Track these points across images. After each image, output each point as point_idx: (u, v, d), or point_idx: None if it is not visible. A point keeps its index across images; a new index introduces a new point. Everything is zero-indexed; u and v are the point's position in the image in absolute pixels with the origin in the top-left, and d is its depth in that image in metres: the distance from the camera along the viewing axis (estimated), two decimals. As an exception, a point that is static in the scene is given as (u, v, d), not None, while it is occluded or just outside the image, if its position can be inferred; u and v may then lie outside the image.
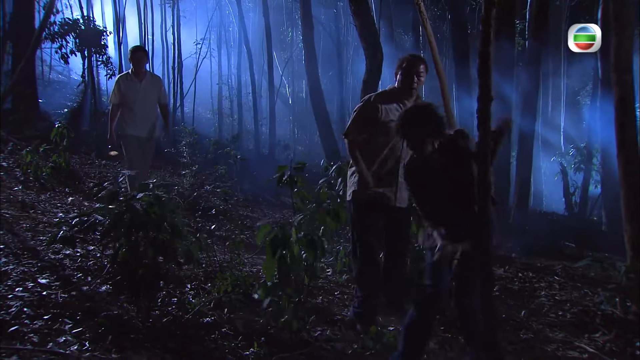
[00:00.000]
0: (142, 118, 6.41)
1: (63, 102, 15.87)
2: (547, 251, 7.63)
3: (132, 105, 6.36)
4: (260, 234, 3.47)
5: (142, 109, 6.40)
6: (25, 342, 2.62)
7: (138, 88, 6.39)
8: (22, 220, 5.25)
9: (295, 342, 3.21)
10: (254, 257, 5.43)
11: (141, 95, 6.39)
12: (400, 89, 3.80)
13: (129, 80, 6.43)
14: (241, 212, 8.44)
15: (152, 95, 6.51)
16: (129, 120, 6.38)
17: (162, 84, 6.88)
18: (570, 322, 4.49)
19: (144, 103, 6.42)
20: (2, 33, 11.09)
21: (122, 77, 6.52)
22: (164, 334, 2.96)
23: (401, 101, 3.78)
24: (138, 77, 6.44)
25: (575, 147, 13.79)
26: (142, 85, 6.42)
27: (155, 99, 6.56)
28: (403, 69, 3.75)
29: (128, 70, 6.63)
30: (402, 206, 3.82)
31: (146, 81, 6.50)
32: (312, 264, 3.45)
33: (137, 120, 6.37)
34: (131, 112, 6.37)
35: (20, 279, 3.50)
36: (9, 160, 7.99)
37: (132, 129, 6.37)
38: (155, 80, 6.70)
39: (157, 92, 6.60)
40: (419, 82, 3.74)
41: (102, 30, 12.23)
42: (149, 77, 6.61)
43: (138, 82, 6.41)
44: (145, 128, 6.44)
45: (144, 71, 6.58)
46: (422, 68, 3.73)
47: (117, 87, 6.42)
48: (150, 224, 2.92)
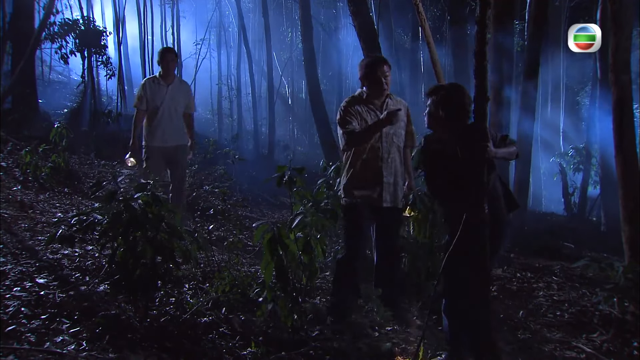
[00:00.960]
0: (168, 127, 5.86)
1: (63, 103, 15.89)
2: (545, 251, 7.64)
3: (157, 112, 5.82)
4: (258, 234, 3.48)
5: (167, 117, 5.85)
6: (23, 342, 2.62)
7: (164, 94, 5.85)
8: (20, 220, 5.25)
9: (293, 341, 3.21)
10: (252, 257, 5.43)
11: (167, 102, 5.86)
12: (370, 93, 3.84)
13: (156, 84, 5.89)
14: (240, 212, 8.44)
15: (179, 102, 5.97)
16: (153, 129, 5.83)
17: (190, 91, 6.33)
18: (568, 322, 4.50)
19: (171, 111, 5.88)
20: (2, 33, 11.08)
21: (148, 81, 5.98)
22: (162, 334, 2.96)
23: (372, 103, 3.83)
24: (166, 81, 5.90)
25: (574, 147, 13.78)
26: (170, 91, 5.88)
27: (182, 107, 6.00)
28: (368, 73, 3.78)
29: (155, 74, 6.13)
30: (389, 206, 3.82)
31: (174, 86, 5.94)
32: (310, 264, 3.45)
33: (162, 130, 5.82)
34: (155, 120, 5.83)
35: (18, 279, 3.50)
36: (8, 160, 7.98)
37: (155, 139, 5.82)
38: (183, 87, 6.14)
39: (185, 100, 6.05)
40: (387, 83, 3.79)
41: (102, 30, 12.23)
42: (177, 82, 6.05)
43: (165, 87, 5.87)
44: (170, 138, 5.87)
45: (173, 75, 6.01)
46: (385, 68, 3.78)
47: (143, 90, 5.87)
48: (148, 223, 2.93)
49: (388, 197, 3.80)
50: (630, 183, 4.53)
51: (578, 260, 4.68)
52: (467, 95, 3.17)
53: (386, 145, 3.78)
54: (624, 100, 4.59)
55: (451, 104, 3.14)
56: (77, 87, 14.40)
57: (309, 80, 12.22)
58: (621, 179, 4.60)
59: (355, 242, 3.81)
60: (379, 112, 3.79)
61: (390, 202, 3.81)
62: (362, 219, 3.80)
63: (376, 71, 3.76)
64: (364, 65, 3.85)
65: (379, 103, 3.84)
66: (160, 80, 5.90)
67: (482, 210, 2.86)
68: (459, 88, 3.23)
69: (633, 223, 4.47)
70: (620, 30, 4.63)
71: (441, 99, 3.17)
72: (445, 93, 3.19)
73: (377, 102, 3.84)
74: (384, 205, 3.79)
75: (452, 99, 3.15)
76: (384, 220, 3.88)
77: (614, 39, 4.65)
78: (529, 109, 8.56)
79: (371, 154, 3.78)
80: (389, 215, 3.87)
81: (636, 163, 4.61)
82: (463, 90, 3.20)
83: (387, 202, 3.80)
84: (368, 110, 3.81)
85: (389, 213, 3.85)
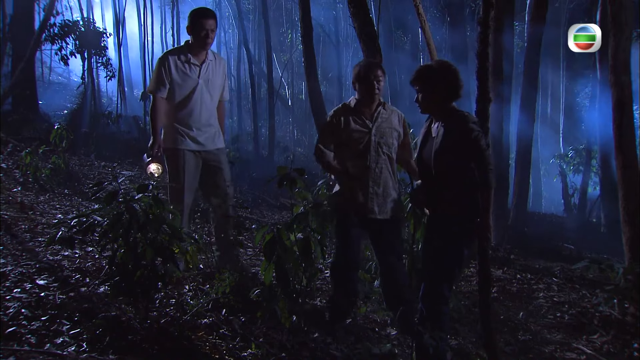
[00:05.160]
0: (202, 122, 4.27)
1: (63, 104, 15.92)
2: (545, 252, 7.64)
3: (187, 102, 4.20)
4: (259, 236, 3.49)
5: (202, 108, 4.26)
6: (23, 343, 2.62)
7: (197, 75, 4.22)
8: (20, 222, 5.25)
9: (293, 343, 3.21)
10: (253, 259, 5.43)
11: (202, 87, 4.24)
12: (360, 98, 3.68)
13: (184, 62, 4.19)
14: (240, 213, 8.43)
15: (216, 86, 4.36)
16: (183, 126, 4.20)
17: (226, 70, 4.58)
18: (568, 323, 4.50)
19: (205, 98, 4.27)
20: (2, 34, 11.10)
21: (172, 56, 4.20)
22: (162, 336, 2.96)
23: (362, 112, 3.67)
24: (199, 57, 4.23)
25: (574, 148, 13.78)
26: (205, 72, 4.26)
27: (219, 93, 4.43)
28: (361, 77, 3.62)
29: (183, 45, 4.31)
30: (378, 218, 3.64)
31: (209, 65, 4.30)
32: (310, 265, 3.45)
33: (196, 127, 4.23)
34: (185, 113, 4.20)
35: (19, 280, 3.50)
36: (9, 161, 7.99)
37: (188, 141, 4.21)
38: (221, 64, 4.43)
39: (222, 83, 4.46)
40: (380, 87, 3.62)
41: (102, 32, 12.27)
42: (212, 57, 4.34)
43: (198, 67, 4.23)
44: (206, 137, 4.30)
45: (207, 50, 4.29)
46: (379, 73, 3.62)
47: (163, 69, 4.14)
48: (149, 225, 2.93)
49: (376, 208, 3.62)
50: (630, 184, 4.53)
51: (578, 262, 4.69)
52: (456, 71, 3.14)
53: (374, 154, 3.62)
54: (623, 101, 4.60)
55: (444, 77, 3.11)
56: (77, 88, 14.43)
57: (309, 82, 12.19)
58: (621, 180, 4.60)
59: (342, 250, 3.69)
60: (368, 122, 3.64)
61: (379, 214, 3.63)
62: (350, 228, 3.66)
63: (369, 74, 3.60)
64: (356, 68, 3.70)
65: (370, 112, 3.67)
66: (191, 56, 4.22)
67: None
68: (445, 62, 3.23)
69: (633, 224, 4.47)
70: (620, 31, 4.64)
71: (433, 76, 3.13)
72: (434, 69, 3.17)
73: (367, 111, 3.67)
74: (371, 216, 3.62)
75: (444, 73, 3.13)
76: (375, 233, 3.72)
77: (614, 40, 4.66)
78: (528, 110, 8.58)
79: (358, 163, 3.64)
80: (380, 228, 3.68)
81: (636, 164, 4.62)
82: (451, 67, 3.16)
83: (374, 214, 3.62)
84: (355, 119, 3.65)
85: (379, 225, 3.67)
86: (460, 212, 3.07)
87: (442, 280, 3.12)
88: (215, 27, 4.19)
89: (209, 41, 4.17)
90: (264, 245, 3.33)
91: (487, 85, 2.95)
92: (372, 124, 3.65)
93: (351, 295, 3.69)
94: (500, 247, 7.35)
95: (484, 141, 2.97)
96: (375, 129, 3.64)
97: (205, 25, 4.11)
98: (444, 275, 3.12)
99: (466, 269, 5.63)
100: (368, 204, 3.61)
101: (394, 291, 3.71)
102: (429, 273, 3.18)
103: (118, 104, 13.63)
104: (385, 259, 3.72)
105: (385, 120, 3.68)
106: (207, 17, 4.17)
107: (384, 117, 3.68)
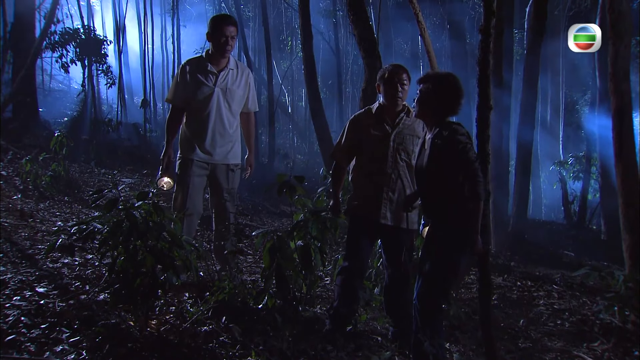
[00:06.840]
0: (217, 133, 4.19)
1: (63, 111, 15.93)
2: (546, 260, 7.64)
3: (202, 112, 4.15)
4: (259, 243, 3.49)
5: (218, 120, 4.18)
6: (23, 351, 2.62)
7: (213, 83, 4.15)
8: (20, 229, 5.25)
9: (293, 351, 3.20)
10: (252, 266, 5.43)
11: (219, 97, 4.17)
12: (384, 102, 3.63)
13: (202, 70, 4.13)
14: (240, 220, 8.43)
15: (236, 97, 4.26)
16: (196, 136, 4.17)
17: (252, 79, 4.44)
18: (568, 331, 4.49)
19: (221, 109, 4.18)
20: (3, 42, 11.13)
21: (192, 63, 4.18)
22: (162, 343, 2.95)
23: (383, 118, 3.62)
24: (218, 65, 4.16)
25: (574, 155, 13.79)
26: (223, 80, 4.17)
27: (240, 103, 4.32)
28: (385, 79, 3.58)
29: (201, 53, 4.30)
30: (391, 225, 3.58)
31: (229, 74, 4.20)
32: (310, 272, 3.44)
33: (209, 137, 4.17)
34: (200, 121, 4.15)
35: (18, 288, 3.49)
36: (9, 168, 7.99)
37: (197, 151, 4.18)
38: (244, 74, 4.31)
39: (245, 94, 4.34)
40: (403, 91, 3.59)
41: (102, 39, 12.32)
42: (234, 66, 4.24)
43: (216, 75, 4.15)
44: (219, 150, 4.24)
45: (228, 57, 4.20)
46: (404, 77, 3.58)
47: (182, 78, 4.12)
48: (149, 232, 2.93)
49: (388, 215, 3.56)
50: (630, 191, 4.53)
51: (578, 269, 4.68)
52: (461, 86, 3.11)
53: (392, 160, 3.57)
54: (623, 109, 4.62)
55: (445, 93, 3.08)
56: (77, 95, 14.44)
57: (309, 89, 12.23)
58: (621, 187, 4.61)
59: (351, 255, 3.67)
60: (388, 127, 3.59)
61: (391, 221, 3.57)
62: (360, 235, 3.64)
63: (393, 77, 3.55)
64: (382, 70, 3.66)
65: (392, 117, 3.61)
66: (210, 64, 4.15)
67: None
68: (453, 77, 3.15)
69: (633, 231, 4.47)
70: (619, 39, 4.66)
71: (434, 87, 3.09)
72: (438, 81, 3.12)
73: (389, 117, 3.61)
74: (383, 222, 3.57)
75: (446, 88, 3.09)
76: (386, 240, 3.68)
77: (613, 48, 4.68)
78: (528, 117, 8.60)
79: (375, 167, 3.61)
80: (392, 235, 3.62)
81: (636, 171, 4.62)
82: (457, 80, 3.12)
83: (386, 219, 3.57)
84: (376, 124, 3.62)
85: (391, 233, 3.62)
86: (453, 222, 3.06)
87: (437, 288, 3.10)
88: (235, 34, 4.12)
89: (228, 48, 4.09)
90: (264, 252, 3.33)
91: (488, 92, 2.95)
92: (392, 129, 3.60)
93: (353, 303, 3.68)
94: (500, 254, 7.35)
95: (472, 153, 2.93)
96: (394, 135, 3.59)
97: (225, 32, 4.04)
98: (439, 284, 3.10)
99: (466, 276, 5.62)
100: (381, 209, 3.56)
101: (395, 303, 3.68)
102: (424, 281, 3.16)
103: (118, 111, 13.64)
104: (392, 269, 3.67)
105: (407, 127, 3.62)
106: (228, 23, 4.09)
107: (407, 123, 3.62)
